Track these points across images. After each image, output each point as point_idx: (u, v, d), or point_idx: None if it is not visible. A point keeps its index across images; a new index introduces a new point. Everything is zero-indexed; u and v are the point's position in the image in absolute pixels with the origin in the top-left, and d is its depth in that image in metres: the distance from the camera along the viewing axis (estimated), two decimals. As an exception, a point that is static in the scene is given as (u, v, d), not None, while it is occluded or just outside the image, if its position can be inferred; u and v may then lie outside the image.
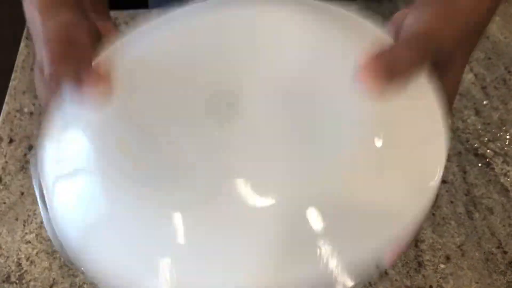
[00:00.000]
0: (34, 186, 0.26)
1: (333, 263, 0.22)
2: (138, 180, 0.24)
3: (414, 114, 0.25)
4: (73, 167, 0.25)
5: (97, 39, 0.31)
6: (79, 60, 0.27)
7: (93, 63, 0.27)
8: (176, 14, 0.30)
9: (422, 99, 0.25)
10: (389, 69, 0.24)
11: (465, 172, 0.46)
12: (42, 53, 0.28)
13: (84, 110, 0.26)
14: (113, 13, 0.58)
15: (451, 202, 0.45)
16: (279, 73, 0.26)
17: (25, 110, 0.52)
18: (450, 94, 0.29)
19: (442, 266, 0.42)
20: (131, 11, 0.59)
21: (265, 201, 0.23)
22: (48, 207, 0.25)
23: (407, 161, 0.24)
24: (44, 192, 0.26)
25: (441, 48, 0.27)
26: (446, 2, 0.28)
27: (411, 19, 0.27)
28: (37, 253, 0.43)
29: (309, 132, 0.24)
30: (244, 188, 0.23)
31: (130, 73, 0.27)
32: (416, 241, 0.43)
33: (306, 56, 0.26)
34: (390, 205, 0.23)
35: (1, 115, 0.51)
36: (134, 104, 0.26)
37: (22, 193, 0.46)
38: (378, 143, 0.23)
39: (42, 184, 0.26)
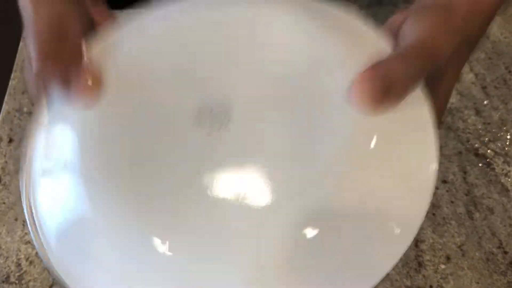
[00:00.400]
0: (20, 181, 0.26)
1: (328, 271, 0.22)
2: (121, 183, 0.24)
3: (406, 122, 0.25)
4: (58, 166, 0.25)
5: (91, 28, 0.30)
6: (68, 59, 0.26)
7: (83, 59, 0.26)
8: (169, 10, 0.29)
9: (414, 107, 0.25)
10: (385, 85, 0.23)
11: (465, 172, 0.46)
12: (31, 47, 0.27)
13: (71, 109, 0.25)
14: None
15: (452, 202, 0.45)
16: (272, 76, 0.25)
17: (25, 110, 0.52)
18: (442, 102, 0.29)
19: (443, 266, 0.42)
20: (130, 11, 0.59)
21: (253, 209, 0.22)
22: (31, 204, 0.25)
23: (399, 169, 0.24)
24: (29, 188, 0.25)
25: (439, 60, 0.26)
26: (444, 9, 0.27)
27: (409, 26, 0.27)
28: (36, 253, 0.43)
29: (300, 140, 0.24)
30: (231, 197, 0.23)
31: (120, 73, 0.26)
32: (416, 241, 0.43)
33: (300, 61, 0.26)
34: (387, 212, 0.23)
35: (1, 114, 0.51)
36: (122, 105, 0.26)
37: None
38: (370, 151, 0.23)
39: (28, 179, 0.26)
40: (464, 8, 0.28)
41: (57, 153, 0.25)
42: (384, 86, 0.23)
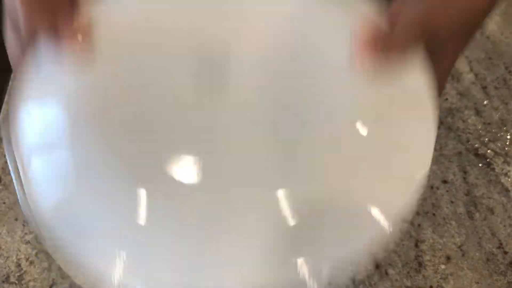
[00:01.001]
0: (6, 154, 0.25)
1: (313, 263, 0.22)
2: (114, 154, 0.23)
3: (405, 104, 0.24)
4: (47, 139, 0.24)
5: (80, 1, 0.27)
6: (59, 10, 0.24)
7: (74, 17, 0.24)
8: None
9: (414, 88, 0.24)
10: (383, 46, 0.24)
11: (465, 172, 0.46)
12: (19, 18, 0.24)
13: (61, 72, 0.24)
14: None
15: (452, 202, 0.45)
16: (268, 43, 0.25)
17: (25, 110, 0.52)
18: (441, 81, 0.28)
19: (443, 266, 0.42)
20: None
21: (243, 193, 0.22)
22: (22, 178, 0.24)
23: (393, 158, 0.23)
24: (18, 162, 0.24)
25: (436, 36, 0.26)
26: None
27: (407, 8, 0.27)
28: (36, 253, 0.43)
29: (294, 118, 0.23)
30: (214, 183, 0.22)
31: (113, 37, 0.25)
32: (416, 241, 0.43)
33: (298, 27, 0.25)
34: (373, 202, 0.22)
35: (1, 114, 0.51)
36: (115, 71, 0.24)
37: (22, 193, 0.46)
38: (366, 133, 0.23)
39: (16, 153, 0.24)
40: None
41: (47, 127, 0.24)
42: (383, 47, 0.24)
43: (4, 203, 0.46)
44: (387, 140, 0.23)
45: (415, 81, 0.24)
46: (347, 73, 0.23)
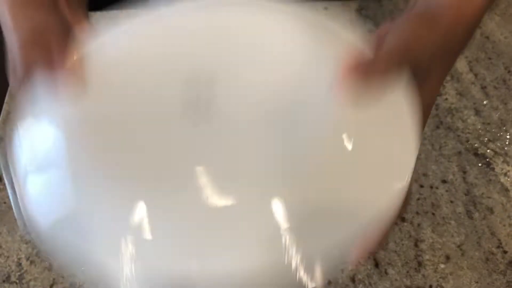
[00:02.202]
0: (3, 172, 0.26)
1: (298, 260, 0.23)
2: (106, 175, 0.24)
3: (387, 122, 0.26)
4: (44, 160, 0.25)
5: (70, 33, 0.29)
6: (53, 50, 0.26)
7: (67, 58, 0.26)
8: (162, 12, 0.30)
9: (396, 110, 0.26)
10: (365, 79, 0.25)
11: (465, 172, 0.47)
12: (17, 57, 0.27)
13: (56, 101, 0.25)
14: (113, 13, 0.58)
15: (451, 201, 0.45)
16: (257, 76, 0.26)
17: (25, 110, 0.52)
18: (425, 108, 0.30)
19: (442, 265, 0.42)
20: (130, 10, 0.59)
21: (229, 200, 0.23)
22: (19, 196, 0.25)
23: (376, 165, 0.25)
24: (15, 181, 0.26)
25: (418, 64, 0.28)
26: (426, 20, 0.29)
27: (391, 36, 0.28)
28: (37, 253, 0.43)
29: (282, 134, 0.25)
30: (210, 186, 0.23)
31: (105, 68, 0.27)
32: (416, 241, 0.43)
33: (285, 58, 0.27)
34: (355, 203, 0.24)
35: (1, 115, 0.52)
36: (107, 99, 0.26)
37: (22, 193, 0.46)
38: (349, 147, 0.24)
39: (13, 173, 0.26)
40: (447, 20, 0.29)
41: (43, 149, 0.26)
42: (363, 81, 0.25)
43: (4, 202, 0.46)
44: (367, 155, 0.25)
45: (396, 103, 0.26)
46: (332, 98, 0.25)
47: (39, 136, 0.26)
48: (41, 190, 0.25)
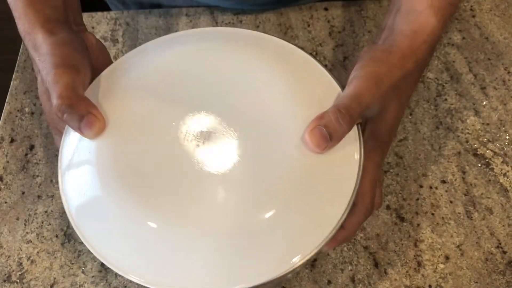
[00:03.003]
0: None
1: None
2: (126, 184, 0.32)
3: (336, 162, 0.33)
4: (77, 163, 0.35)
5: (87, 50, 0.37)
6: (79, 109, 0.33)
7: (90, 103, 0.34)
8: (163, 40, 0.38)
9: (346, 150, 0.33)
10: (325, 133, 0.32)
11: (464, 172, 0.47)
12: (49, 79, 0.34)
13: (84, 140, 0.34)
14: (114, 14, 0.59)
15: (451, 202, 0.45)
16: (243, 109, 0.34)
17: (26, 110, 0.52)
18: (385, 140, 0.36)
19: (442, 265, 0.42)
20: (131, 11, 0.59)
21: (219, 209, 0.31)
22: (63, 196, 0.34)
23: (320, 197, 0.32)
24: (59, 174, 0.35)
25: (370, 107, 0.33)
26: (382, 51, 0.35)
27: (351, 75, 0.34)
28: (38, 252, 0.43)
29: (259, 159, 0.32)
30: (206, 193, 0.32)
31: (120, 108, 0.35)
32: (415, 241, 0.43)
33: (267, 99, 0.34)
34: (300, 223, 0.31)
35: (3, 114, 0.52)
36: (125, 134, 0.34)
37: (23, 193, 0.47)
38: (302, 179, 0.32)
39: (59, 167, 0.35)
40: (404, 45, 0.35)
41: (81, 168, 0.34)
42: (325, 134, 0.32)
43: (5, 202, 0.46)
44: (315, 187, 0.32)
45: (347, 149, 0.33)
46: (300, 142, 0.32)
47: (78, 161, 0.34)
48: (78, 188, 0.34)
